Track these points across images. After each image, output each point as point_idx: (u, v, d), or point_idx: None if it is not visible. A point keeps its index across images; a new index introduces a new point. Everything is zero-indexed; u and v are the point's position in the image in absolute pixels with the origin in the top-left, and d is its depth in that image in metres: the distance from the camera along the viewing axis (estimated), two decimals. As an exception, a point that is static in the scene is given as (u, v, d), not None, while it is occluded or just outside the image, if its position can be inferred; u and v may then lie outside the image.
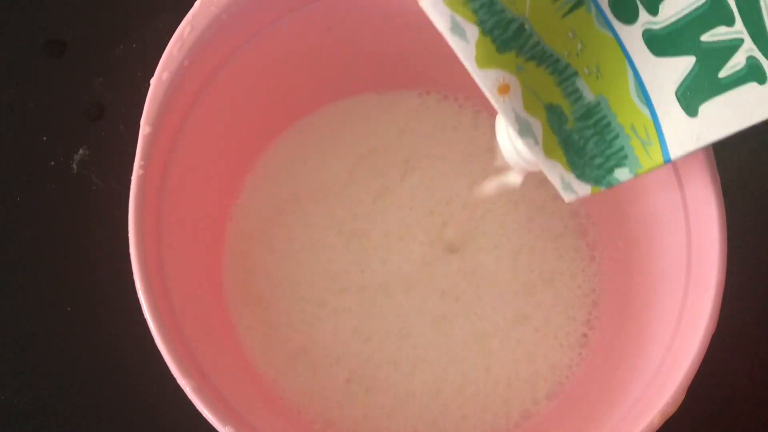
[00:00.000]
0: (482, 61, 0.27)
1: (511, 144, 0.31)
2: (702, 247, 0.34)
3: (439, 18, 0.26)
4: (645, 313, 0.38)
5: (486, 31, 0.26)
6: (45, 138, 0.48)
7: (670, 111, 0.28)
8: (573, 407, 0.40)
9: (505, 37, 0.26)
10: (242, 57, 0.38)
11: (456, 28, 0.26)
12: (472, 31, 0.26)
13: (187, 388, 0.31)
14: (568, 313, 0.43)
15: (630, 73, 0.28)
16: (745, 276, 0.45)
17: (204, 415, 0.31)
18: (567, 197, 0.31)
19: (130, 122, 0.48)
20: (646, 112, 0.28)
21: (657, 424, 0.31)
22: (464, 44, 0.27)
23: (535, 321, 0.42)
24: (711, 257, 0.33)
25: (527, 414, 0.41)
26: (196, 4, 0.35)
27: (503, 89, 0.28)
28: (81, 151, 0.48)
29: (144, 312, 0.32)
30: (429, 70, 0.44)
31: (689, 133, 0.28)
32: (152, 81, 0.34)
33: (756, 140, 0.48)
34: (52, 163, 0.48)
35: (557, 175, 0.30)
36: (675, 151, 0.28)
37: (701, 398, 0.35)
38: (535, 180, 0.43)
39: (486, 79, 0.27)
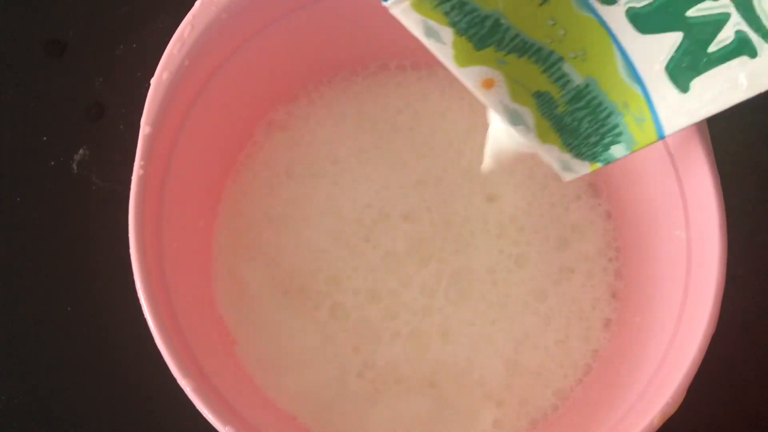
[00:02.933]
0: (461, 60, 0.27)
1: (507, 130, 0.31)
2: (702, 247, 0.34)
3: (412, 24, 0.26)
4: (645, 313, 0.38)
5: (461, 31, 0.26)
6: (45, 138, 0.48)
7: (661, 87, 0.28)
8: (572, 409, 0.40)
9: (482, 34, 0.26)
10: (242, 57, 0.38)
11: (431, 32, 0.26)
12: (447, 33, 0.26)
13: (187, 388, 0.31)
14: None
15: (617, 52, 0.28)
16: (746, 276, 0.45)
17: (204, 415, 0.31)
18: (565, 177, 0.31)
19: (130, 122, 0.48)
20: (637, 89, 0.28)
21: (657, 424, 0.31)
22: (441, 46, 0.27)
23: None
24: (711, 257, 0.33)
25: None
26: (196, 4, 0.35)
27: (487, 84, 0.28)
28: (81, 151, 0.48)
29: (144, 312, 0.32)
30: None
31: (682, 109, 0.27)
32: (152, 81, 0.34)
33: (755, 137, 0.48)
34: (52, 163, 0.48)
35: (554, 158, 0.30)
36: (669, 128, 0.28)
37: (701, 398, 0.35)
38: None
39: (468, 77, 0.27)
